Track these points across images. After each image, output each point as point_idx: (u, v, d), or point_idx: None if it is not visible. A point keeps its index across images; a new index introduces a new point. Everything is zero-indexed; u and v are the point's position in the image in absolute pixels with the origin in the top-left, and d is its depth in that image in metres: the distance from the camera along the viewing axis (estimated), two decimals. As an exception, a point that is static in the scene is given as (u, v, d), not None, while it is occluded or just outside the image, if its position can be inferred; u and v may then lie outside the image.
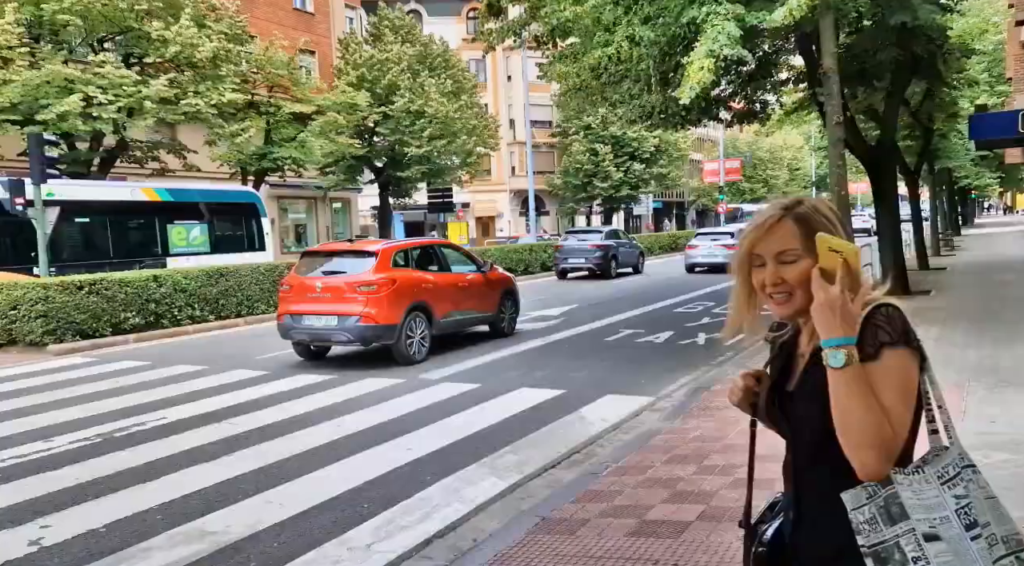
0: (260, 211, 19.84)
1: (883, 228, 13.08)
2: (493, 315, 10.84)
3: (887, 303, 1.31)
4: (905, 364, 1.27)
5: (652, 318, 12.53)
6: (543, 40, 8.84)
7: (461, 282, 10.39)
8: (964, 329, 8.97)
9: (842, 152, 8.96)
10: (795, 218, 1.38)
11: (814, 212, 1.39)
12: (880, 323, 1.28)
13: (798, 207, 1.40)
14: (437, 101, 27.52)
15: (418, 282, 9.54)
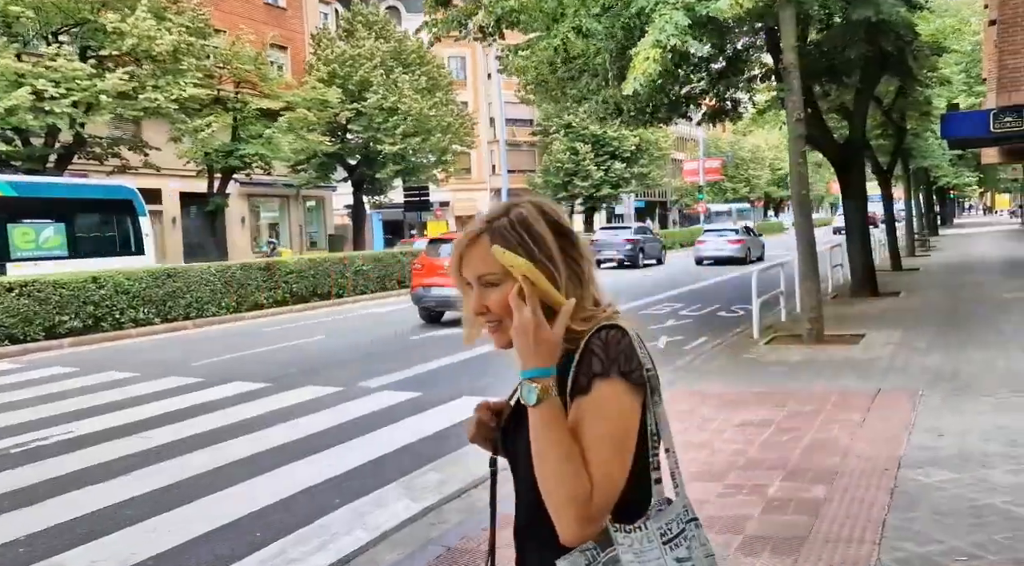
0: (138, 209, 16.88)
1: (852, 229, 12.84)
2: None
3: (611, 325, 1.10)
4: (618, 399, 1.05)
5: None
6: (488, 31, 8.48)
7: None
8: (928, 332, 8.71)
9: (803, 149, 8.68)
10: (491, 233, 1.13)
11: (518, 223, 1.13)
12: (595, 349, 1.07)
13: (499, 219, 1.15)
14: (411, 98, 27.08)
15: None
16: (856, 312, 10.94)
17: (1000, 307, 10.47)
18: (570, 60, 9.64)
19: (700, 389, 6.69)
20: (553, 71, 10.01)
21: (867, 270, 12.81)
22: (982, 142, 20.06)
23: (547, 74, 10.23)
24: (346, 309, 15.17)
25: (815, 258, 8.85)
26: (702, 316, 12.38)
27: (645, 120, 14.89)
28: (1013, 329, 8.55)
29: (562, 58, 9.69)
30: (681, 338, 10.16)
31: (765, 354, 8.10)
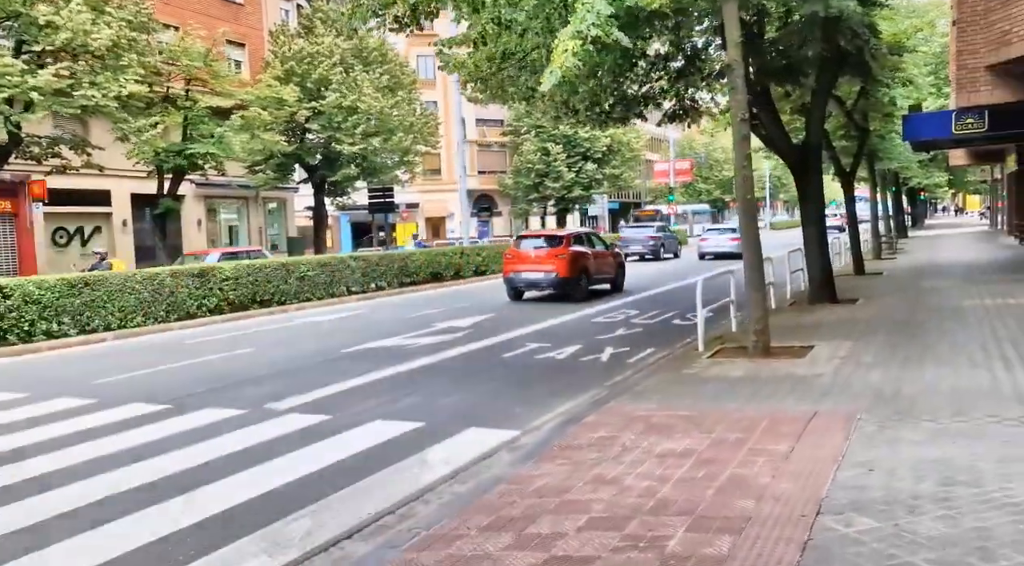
0: None
1: (808, 234, 12.44)
2: (614, 277, 17.47)
3: None
4: None
5: (572, 328, 11.71)
6: (405, 22, 7.90)
7: (600, 255, 17.00)
8: (878, 344, 8.28)
9: (747, 152, 8.20)
10: None
11: None
12: None
13: None
14: (371, 97, 26.40)
15: (583, 254, 16.10)
16: (810, 321, 10.51)
17: (957, 316, 10.10)
18: (507, 56, 9.09)
19: (630, 410, 6.17)
20: (492, 68, 9.46)
21: (825, 276, 12.42)
22: (945, 144, 19.87)
23: (486, 71, 9.68)
24: (286, 318, 14.48)
25: (761, 266, 8.39)
26: (654, 324, 11.90)
27: (600, 120, 14.42)
28: (966, 341, 8.15)
29: (500, 53, 9.13)
30: (627, 349, 9.66)
31: (706, 369, 7.61)
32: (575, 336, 10.86)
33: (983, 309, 10.53)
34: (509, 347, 10.12)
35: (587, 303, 15.18)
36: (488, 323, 12.61)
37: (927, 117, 16.34)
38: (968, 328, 9.01)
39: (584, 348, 9.85)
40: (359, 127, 26.18)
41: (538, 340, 10.64)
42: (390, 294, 18.55)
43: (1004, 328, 8.81)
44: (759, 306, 8.24)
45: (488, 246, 25.45)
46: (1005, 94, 12.65)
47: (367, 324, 13.20)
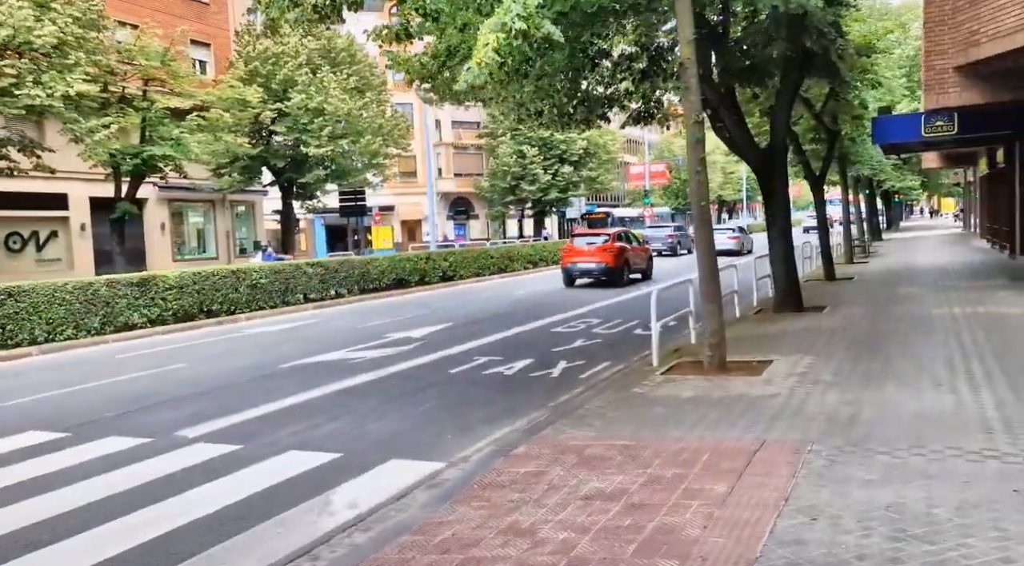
0: None
1: (774, 240, 12.02)
2: (645, 268, 21.54)
3: None
4: None
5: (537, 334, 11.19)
6: (324, 12, 7.36)
7: (635, 250, 21.09)
8: (839, 359, 7.84)
9: (701, 156, 7.74)
10: None
11: None
12: None
13: None
14: (338, 98, 25.76)
15: (624, 249, 20.21)
16: (773, 331, 10.08)
17: (924, 326, 9.71)
18: (452, 53, 8.54)
19: (565, 439, 5.65)
20: (436, 66, 8.92)
21: (791, 283, 12.01)
22: (915, 147, 19.64)
23: (432, 69, 9.14)
24: (233, 329, 13.82)
25: (716, 277, 7.91)
26: (616, 334, 11.41)
27: (564, 122, 13.94)
28: (931, 356, 7.73)
29: (444, 50, 8.59)
30: (582, 363, 9.16)
31: (657, 387, 7.11)
32: (531, 348, 10.34)
33: (951, 318, 10.16)
34: (459, 361, 9.58)
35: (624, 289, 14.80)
36: (443, 334, 12.06)
37: (896, 120, 16.06)
38: (935, 341, 8.60)
39: (537, 361, 9.33)
40: (326, 129, 25.54)
41: (491, 353, 10.10)
42: (350, 302, 17.91)
43: (972, 341, 8.41)
44: (714, 319, 7.76)
45: (457, 250, 24.82)
46: (973, 96, 12.33)
47: (316, 335, 12.60)
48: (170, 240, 28.53)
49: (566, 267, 20.15)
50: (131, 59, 20.62)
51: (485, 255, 24.20)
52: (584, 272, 19.88)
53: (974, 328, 9.28)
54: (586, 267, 19.75)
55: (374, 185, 31.86)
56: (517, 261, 26.06)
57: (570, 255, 20.14)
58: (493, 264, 24.56)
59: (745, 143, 12.05)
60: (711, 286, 7.85)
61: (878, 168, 26.20)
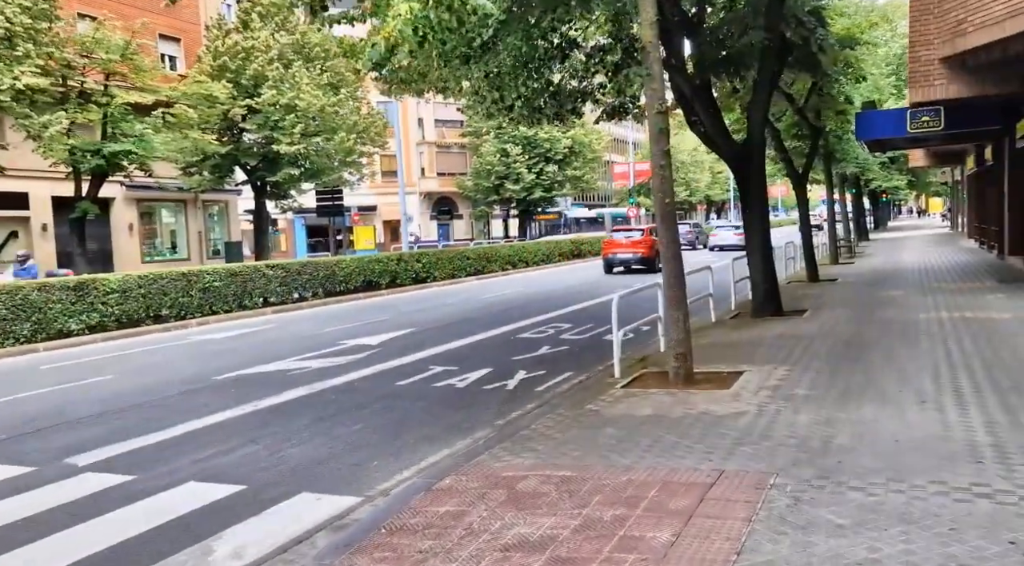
0: None
1: (752, 240, 11.39)
2: None
3: None
4: None
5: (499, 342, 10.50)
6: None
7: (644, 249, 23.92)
8: (816, 370, 7.20)
9: (666, 148, 7.07)
10: None
11: None
12: None
13: None
14: (310, 94, 24.95)
15: (655, 241, 19.71)
16: (748, 337, 9.43)
17: (909, 333, 9.09)
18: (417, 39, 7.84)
19: (501, 467, 4.97)
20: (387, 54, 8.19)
21: (770, 286, 11.37)
22: (900, 143, 19.09)
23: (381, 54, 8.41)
24: (180, 336, 13.03)
25: (682, 281, 7.25)
26: (584, 340, 10.74)
27: (535, 118, 13.28)
28: (916, 368, 7.10)
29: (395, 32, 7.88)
30: (542, 373, 8.48)
31: (614, 403, 6.44)
32: (491, 357, 9.65)
33: (938, 324, 9.54)
34: (410, 372, 8.87)
35: (605, 295, 14.06)
36: (402, 341, 11.35)
37: (881, 115, 15.48)
38: (920, 349, 7.98)
39: (495, 372, 8.64)
40: (297, 126, 24.71)
41: (448, 362, 9.41)
42: (313, 306, 17.15)
43: (959, 350, 7.79)
44: (680, 327, 7.10)
45: (431, 251, 23.98)
46: (960, 89, 11.74)
47: (266, 342, 11.86)
48: (139, 241, 27.66)
49: (607, 257, 23.81)
50: (90, 52, 19.80)
51: (461, 256, 23.46)
52: (623, 261, 23.53)
53: (961, 335, 8.66)
54: (624, 257, 23.48)
55: (352, 184, 31.03)
56: (495, 262, 25.32)
57: (610, 247, 23.94)
58: (470, 266, 23.83)
59: (721, 138, 11.42)
60: (677, 291, 7.19)
61: (864, 166, 25.68)
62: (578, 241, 33.71)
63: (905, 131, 14.73)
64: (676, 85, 11.65)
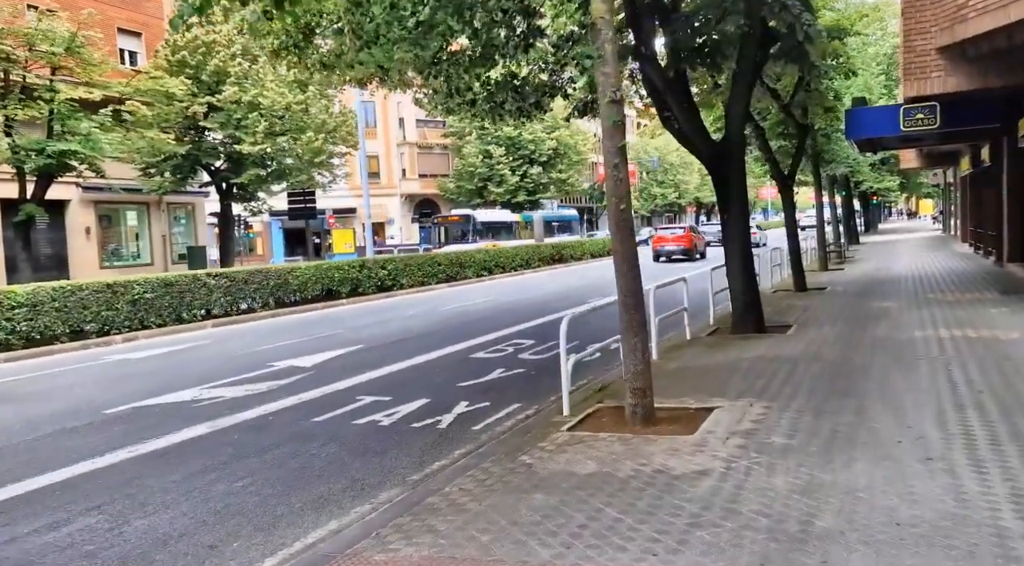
0: None
1: (730, 249, 10.29)
2: (704, 250, 32.02)
3: None
4: None
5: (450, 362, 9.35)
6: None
7: (699, 238, 32.17)
8: (798, 408, 6.08)
9: (621, 144, 5.95)
10: None
11: None
12: None
13: None
14: (275, 91, 23.77)
15: (693, 237, 31.39)
16: (724, 360, 8.31)
17: (906, 356, 8.00)
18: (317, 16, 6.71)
19: (382, 561, 3.81)
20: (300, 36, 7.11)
21: (750, 299, 10.27)
22: (892, 143, 18.08)
23: (296, 38, 7.33)
24: (97, 354, 11.76)
25: (641, 302, 6.11)
26: (545, 360, 9.59)
27: (498, 113, 12.17)
28: (916, 405, 5.99)
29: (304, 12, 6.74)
30: (485, 406, 7.34)
31: (555, 453, 5.30)
32: (434, 382, 8.51)
33: (938, 345, 8.45)
34: (336, 402, 7.71)
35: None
36: (340, 362, 10.17)
37: (873, 113, 14.42)
38: (919, 379, 6.88)
39: (432, 404, 7.49)
40: (261, 124, 23.53)
41: (382, 390, 8.25)
42: (260, 318, 15.91)
43: (965, 381, 6.69)
44: (637, 357, 5.97)
45: (398, 257, 22.59)
46: (959, 81, 10.68)
47: (190, 362, 10.66)
48: (97, 245, 26.35)
49: (656, 248, 30.72)
50: (32, 44, 18.55)
51: (432, 262, 22.27)
52: (668, 252, 30.29)
53: (966, 360, 7.57)
54: (669, 249, 30.43)
55: (324, 186, 29.81)
56: (469, 268, 24.12)
57: (659, 241, 31.27)
58: (441, 272, 22.62)
59: (697, 136, 10.31)
60: (634, 314, 6.05)
61: (854, 166, 24.69)
62: (560, 246, 32.55)
63: (899, 129, 13.69)
64: (648, 77, 10.56)
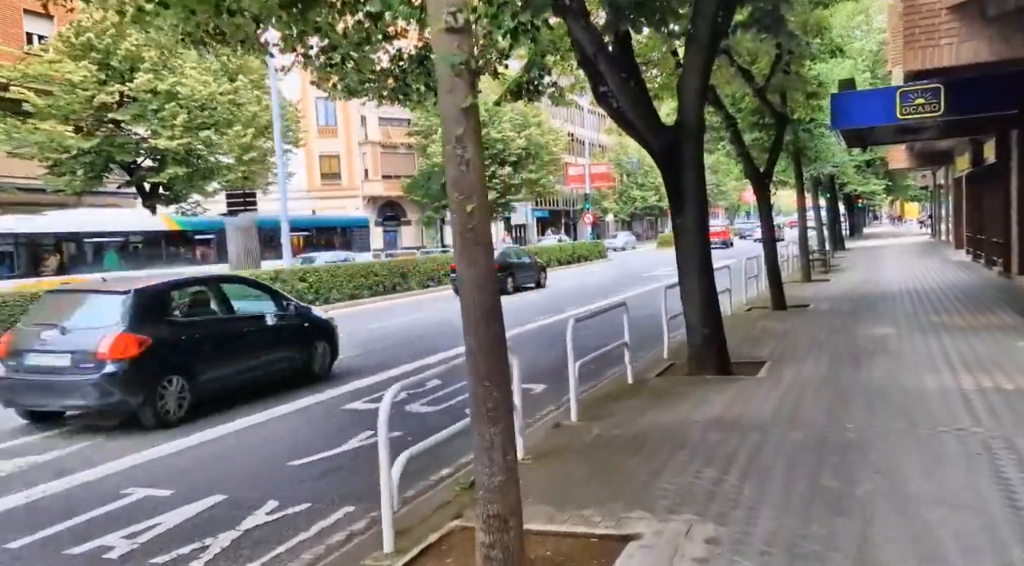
0: None
1: (685, 265, 7.90)
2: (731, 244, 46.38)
3: None
4: None
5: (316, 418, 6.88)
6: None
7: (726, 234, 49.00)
8: (762, 541, 3.67)
9: (466, 105, 3.53)
10: None
11: None
12: None
13: None
14: (195, 80, 21.19)
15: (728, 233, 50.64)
16: (665, 425, 5.89)
17: (921, 422, 5.63)
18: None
19: None
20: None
21: (711, 329, 7.88)
22: (885, 135, 15.82)
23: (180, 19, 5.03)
24: None
25: (502, 359, 3.65)
26: (438, 415, 7.14)
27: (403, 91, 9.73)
28: (956, 536, 3.60)
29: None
30: (301, 510, 4.89)
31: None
32: (249, 461, 6.04)
33: (963, 404, 6.09)
34: (90, 502, 5.22)
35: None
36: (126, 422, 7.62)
37: (863, 98, 12.11)
38: (949, 478, 4.49)
39: (223, 505, 5.03)
40: (179, 117, 20.93)
41: (173, 477, 5.77)
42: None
43: (1021, 479, 4.31)
44: (495, 462, 3.52)
45: (323, 267, 19.41)
46: (978, 48, 8.36)
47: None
48: (2, 253, 23.53)
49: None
50: None
51: (367, 272, 19.71)
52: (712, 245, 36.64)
53: (1012, 436, 5.19)
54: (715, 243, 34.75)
55: (264, 187, 27.20)
56: (413, 278, 21.55)
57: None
58: (377, 283, 20.06)
59: (641, 119, 7.90)
60: (488, 389, 3.59)
61: (839, 165, 22.48)
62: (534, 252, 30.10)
63: (894, 117, 11.37)
64: (575, 38, 8.16)
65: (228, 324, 8.29)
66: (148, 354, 7.11)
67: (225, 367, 7.99)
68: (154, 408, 7.08)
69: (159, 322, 7.48)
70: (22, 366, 7.25)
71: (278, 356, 8.72)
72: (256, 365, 8.39)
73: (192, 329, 7.86)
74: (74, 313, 7.65)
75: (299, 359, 8.95)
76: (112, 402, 7.00)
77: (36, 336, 7.31)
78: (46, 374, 7.11)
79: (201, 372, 7.60)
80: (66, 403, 7.28)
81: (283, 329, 8.83)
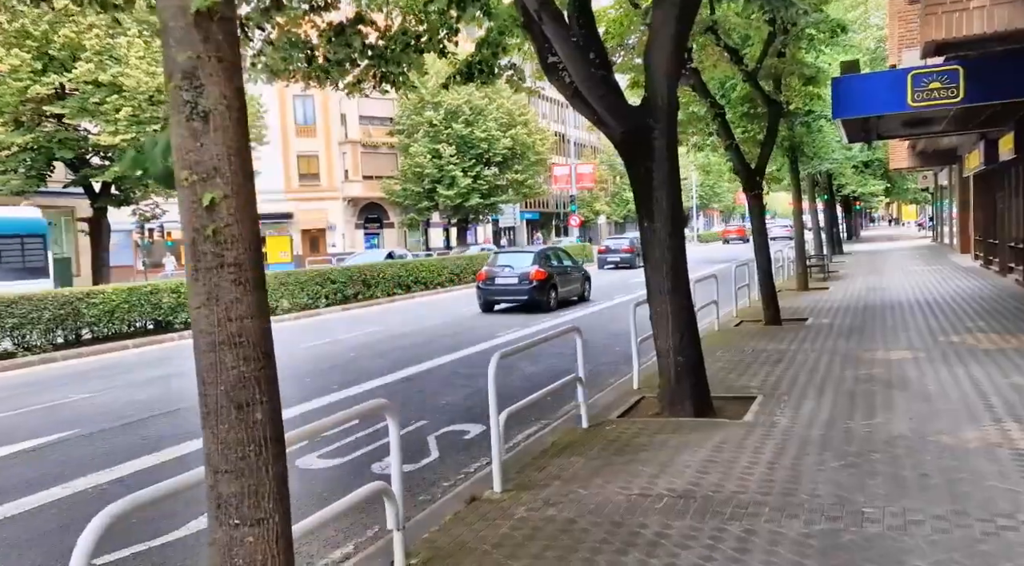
0: None
1: (655, 281, 6.30)
2: None
3: None
4: None
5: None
6: None
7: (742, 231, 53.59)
8: None
9: (188, 64, 1.93)
10: None
11: None
12: None
13: None
14: (142, 71, 19.54)
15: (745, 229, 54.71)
16: (611, 506, 4.26)
17: (956, 486, 4.03)
18: None
19: None
20: None
21: (688, 358, 6.26)
22: (893, 128, 14.24)
23: None
24: None
25: (284, 487, 2.03)
26: (324, 474, 5.53)
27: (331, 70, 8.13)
28: None
29: None
30: None
31: None
32: (56, 551, 4.39)
33: (1021, 473, 4.48)
34: None
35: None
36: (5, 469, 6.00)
37: (870, 82, 10.53)
38: None
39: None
40: (123, 110, 19.27)
41: None
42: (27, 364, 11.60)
43: None
44: None
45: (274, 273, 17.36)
46: (1013, 15, 6.79)
47: None
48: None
49: (724, 238, 43.94)
50: None
51: (323, 279, 18.01)
52: (731, 239, 45.79)
53: (1102, 529, 3.59)
54: (732, 238, 44.74)
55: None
56: (377, 286, 19.81)
57: (726, 233, 46.61)
58: (335, 291, 18.36)
59: (600, 99, 6.28)
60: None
61: (839, 164, 20.92)
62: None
63: (905, 104, 9.82)
64: (520, 1, 6.56)
65: (562, 269, 17.38)
66: (545, 278, 16.18)
67: (564, 287, 16.92)
68: (548, 302, 16.09)
69: (546, 264, 16.63)
70: (493, 284, 16.40)
71: (576, 286, 17.79)
72: (571, 289, 17.44)
73: (555, 269, 16.87)
74: (513, 259, 16.96)
75: (580, 290, 18.05)
76: (534, 298, 15.94)
77: (500, 270, 16.51)
78: (505, 286, 16.28)
79: (560, 287, 16.70)
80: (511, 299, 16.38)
81: (576, 274, 18.14)
